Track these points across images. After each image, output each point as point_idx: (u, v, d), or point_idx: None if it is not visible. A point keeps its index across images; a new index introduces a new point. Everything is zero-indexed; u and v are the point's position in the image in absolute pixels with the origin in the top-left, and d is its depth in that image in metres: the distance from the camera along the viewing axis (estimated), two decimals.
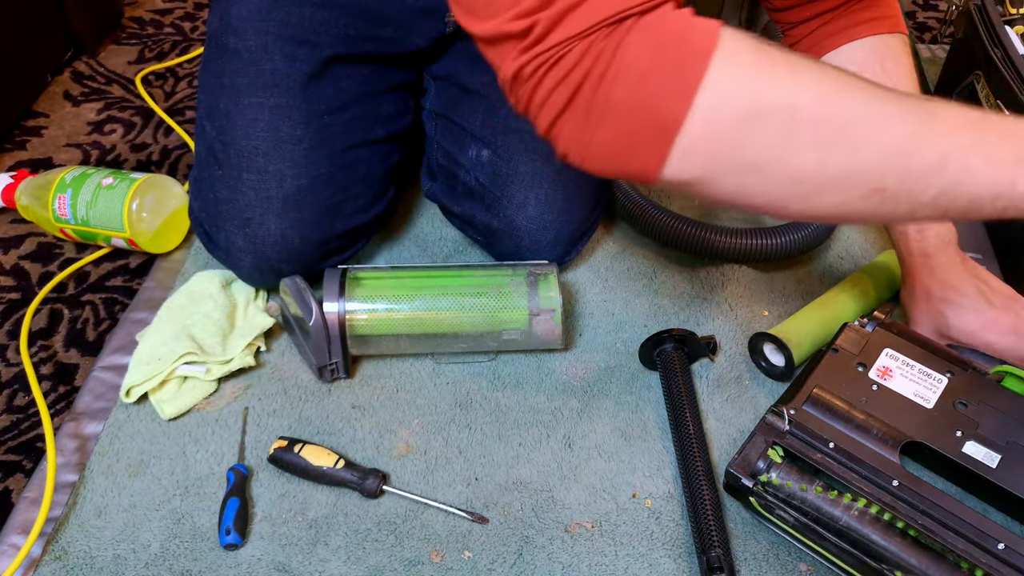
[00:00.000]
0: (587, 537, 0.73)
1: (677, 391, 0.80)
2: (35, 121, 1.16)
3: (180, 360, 0.80)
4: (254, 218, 0.83)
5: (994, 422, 0.70)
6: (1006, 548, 0.63)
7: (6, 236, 1.00)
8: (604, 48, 0.47)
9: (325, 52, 0.85)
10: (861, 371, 0.75)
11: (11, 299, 0.93)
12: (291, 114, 0.83)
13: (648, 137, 0.48)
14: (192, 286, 0.88)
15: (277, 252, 0.84)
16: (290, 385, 0.84)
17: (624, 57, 0.46)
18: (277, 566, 0.70)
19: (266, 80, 0.83)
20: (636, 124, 0.48)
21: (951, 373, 0.74)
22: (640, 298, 0.93)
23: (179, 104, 1.20)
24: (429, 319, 0.81)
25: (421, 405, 0.83)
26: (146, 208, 0.91)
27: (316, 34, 0.84)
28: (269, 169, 0.83)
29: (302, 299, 0.79)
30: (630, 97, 0.47)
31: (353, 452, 0.78)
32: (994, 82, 0.95)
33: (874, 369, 0.75)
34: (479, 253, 0.98)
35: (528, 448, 0.79)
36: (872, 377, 0.74)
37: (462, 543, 0.72)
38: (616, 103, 0.47)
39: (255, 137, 0.83)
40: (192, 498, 0.74)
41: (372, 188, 0.90)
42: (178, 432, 0.79)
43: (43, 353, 0.88)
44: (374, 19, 0.85)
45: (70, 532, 0.72)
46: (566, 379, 0.85)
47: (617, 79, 0.47)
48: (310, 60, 0.84)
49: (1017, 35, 0.97)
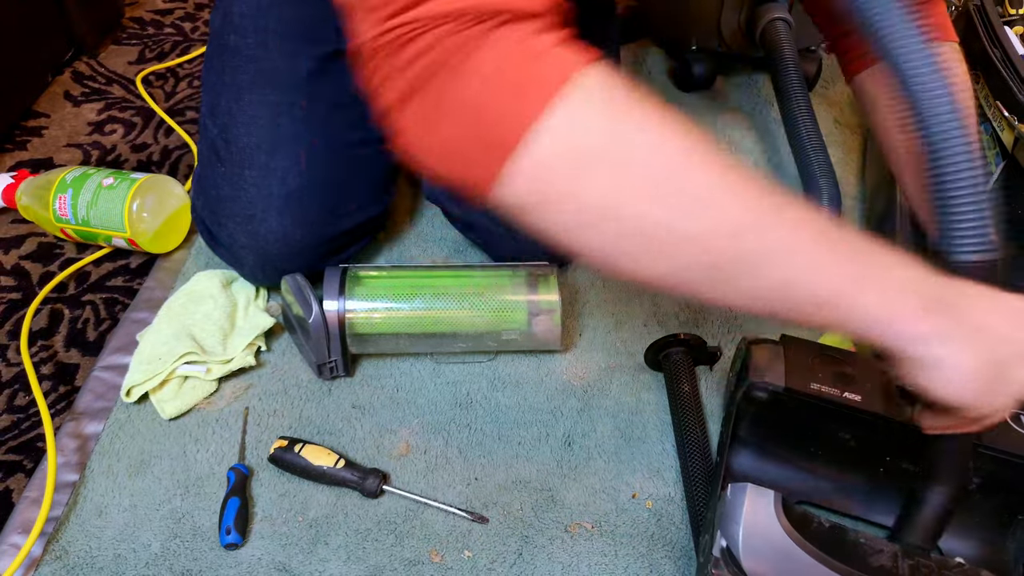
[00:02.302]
0: (587, 537, 0.73)
1: (683, 396, 0.80)
2: (36, 121, 1.16)
3: (180, 360, 0.80)
4: (256, 215, 0.83)
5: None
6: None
7: (6, 236, 1.00)
8: (468, 38, 0.42)
9: (326, 48, 0.84)
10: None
11: (11, 299, 0.93)
12: (293, 111, 0.83)
13: (483, 151, 0.44)
14: (192, 286, 0.88)
15: (279, 249, 0.84)
16: (290, 385, 0.84)
17: (477, 58, 0.43)
18: (277, 566, 0.70)
19: (267, 77, 0.83)
20: (478, 131, 0.44)
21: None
22: (640, 298, 0.93)
23: (179, 104, 1.20)
24: (429, 318, 0.81)
25: (421, 405, 0.83)
26: (147, 208, 0.91)
27: (317, 30, 0.84)
28: (271, 166, 0.83)
29: (302, 297, 0.79)
30: (479, 101, 0.43)
31: (353, 452, 0.78)
32: (993, 82, 0.95)
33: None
34: (479, 253, 0.98)
35: (528, 448, 0.79)
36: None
37: (462, 543, 0.72)
38: (466, 101, 0.43)
39: (257, 134, 0.83)
40: (192, 498, 0.74)
41: (374, 185, 0.90)
42: (178, 432, 0.79)
43: (43, 353, 0.88)
44: None
45: (70, 532, 0.72)
46: (566, 379, 0.85)
47: (472, 76, 0.43)
48: (312, 57, 0.84)
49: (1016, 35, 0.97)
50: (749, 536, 0.60)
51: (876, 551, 0.63)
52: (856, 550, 0.64)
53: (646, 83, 1.27)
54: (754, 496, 0.62)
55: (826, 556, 0.60)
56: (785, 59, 1.07)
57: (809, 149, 1.02)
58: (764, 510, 0.62)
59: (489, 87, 0.43)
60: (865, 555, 0.63)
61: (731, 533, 0.61)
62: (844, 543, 0.64)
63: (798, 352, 0.71)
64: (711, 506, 0.68)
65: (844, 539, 0.64)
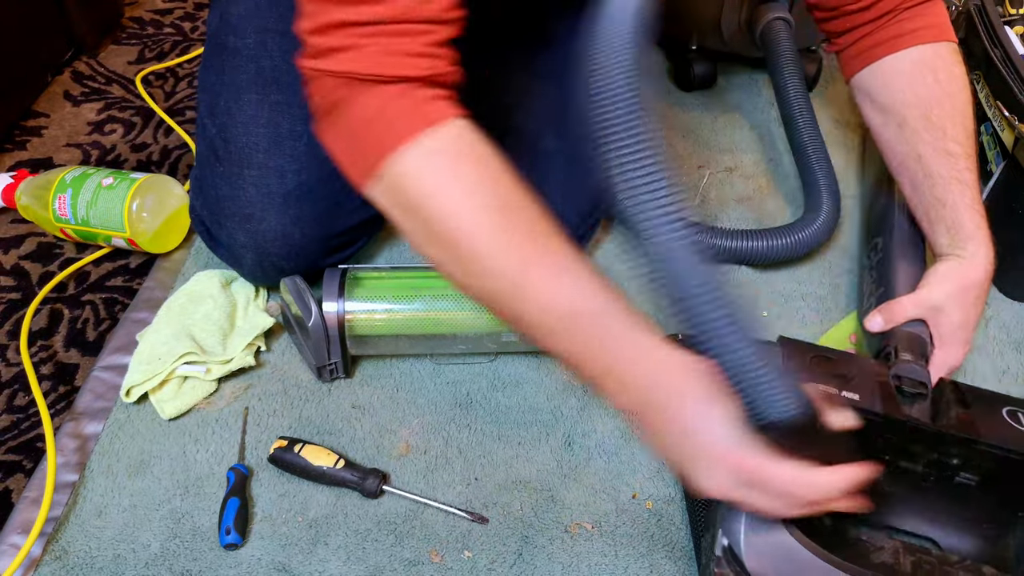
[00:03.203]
0: (587, 537, 0.73)
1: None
2: (35, 121, 1.16)
3: (180, 360, 0.80)
4: (255, 214, 0.83)
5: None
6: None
7: (6, 236, 1.00)
8: (347, 95, 0.57)
9: None
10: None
11: (11, 299, 0.93)
12: (291, 110, 0.83)
13: (361, 163, 0.58)
14: (192, 286, 0.88)
15: (279, 248, 0.84)
16: (290, 385, 0.84)
17: (352, 109, 0.57)
18: (277, 566, 0.70)
19: (266, 77, 0.83)
20: (359, 149, 0.58)
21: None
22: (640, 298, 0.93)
23: (179, 104, 1.20)
24: (428, 320, 0.81)
25: (421, 405, 0.83)
26: (146, 208, 0.91)
27: None
28: (270, 165, 0.83)
29: (301, 299, 0.79)
30: (361, 130, 0.58)
31: (353, 452, 0.78)
32: (994, 82, 0.95)
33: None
34: None
35: (528, 448, 0.79)
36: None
37: (462, 543, 0.72)
38: (353, 128, 0.58)
39: (255, 134, 0.83)
40: (192, 498, 0.74)
41: None
42: (178, 432, 0.79)
43: (43, 353, 0.88)
44: None
45: (70, 532, 0.72)
46: (566, 379, 0.85)
47: (359, 112, 0.57)
48: None
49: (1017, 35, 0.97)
50: (751, 535, 0.60)
51: (878, 548, 0.63)
52: (858, 547, 0.64)
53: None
54: None
55: (829, 554, 0.59)
56: (785, 59, 1.07)
57: (808, 149, 1.02)
58: None
59: (369, 122, 0.57)
60: (867, 552, 0.63)
61: (733, 532, 0.61)
62: (846, 540, 0.64)
63: (795, 352, 0.71)
64: (711, 505, 0.68)
65: (846, 536, 0.64)
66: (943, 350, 0.76)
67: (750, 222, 1.04)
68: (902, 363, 0.72)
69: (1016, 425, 0.68)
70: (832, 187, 0.98)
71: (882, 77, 0.83)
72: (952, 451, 0.67)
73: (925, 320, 0.76)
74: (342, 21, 0.56)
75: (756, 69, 1.27)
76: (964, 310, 0.76)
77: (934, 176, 0.79)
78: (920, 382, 0.70)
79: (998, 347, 0.91)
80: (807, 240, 0.93)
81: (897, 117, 0.82)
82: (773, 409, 0.52)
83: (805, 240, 0.93)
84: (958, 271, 0.76)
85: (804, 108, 1.04)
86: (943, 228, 0.79)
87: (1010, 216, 0.94)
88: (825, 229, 0.95)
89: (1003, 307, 0.96)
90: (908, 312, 0.76)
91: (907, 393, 0.69)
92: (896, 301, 0.78)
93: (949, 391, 0.69)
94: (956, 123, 0.78)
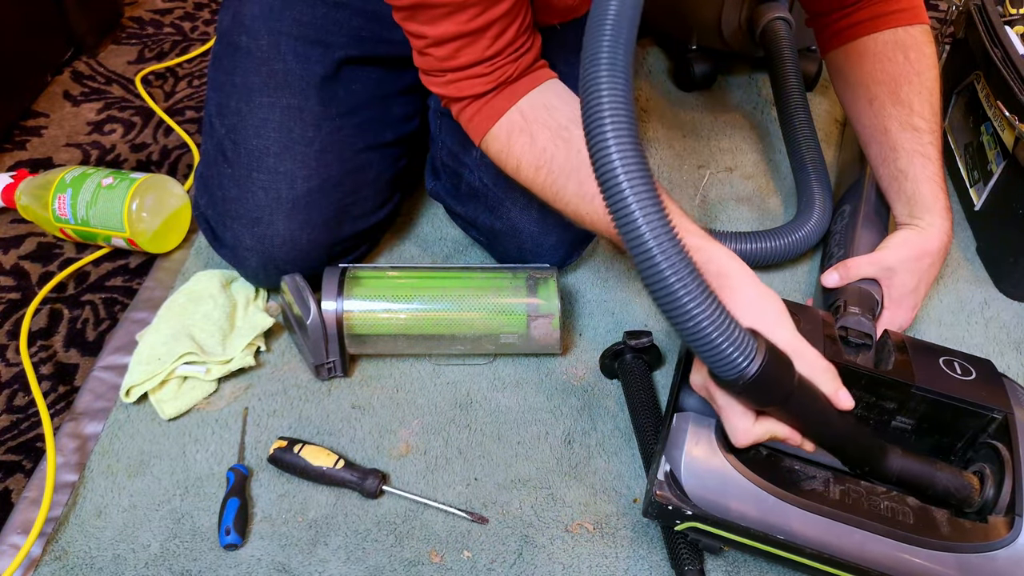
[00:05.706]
0: (588, 537, 0.73)
1: (638, 401, 0.80)
2: (35, 121, 1.16)
3: (180, 360, 0.80)
4: (263, 218, 0.83)
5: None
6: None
7: (6, 236, 1.00)
8: (463, 108, 0.75)
9: (338, 53, 0.85)
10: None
11: (11, 299, 0.93)
12: (303, 115, 0.83)
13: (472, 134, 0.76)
14: (192, 286, 0.88)
15: (285, 253, 0.84)
16: (290, 385, 0.84)
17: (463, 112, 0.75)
18: (277, 566, 0.70)
19: (279, 80, 0.84)
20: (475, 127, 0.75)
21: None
22: (640, 298, 0.93)
23: (179, 104, 1.20)
24: (427, 320, 0.81)
25: (421, 405, 0.83)
26: (146, 208, 0.91)
27: (329, 35, 0.84)
28: (280, 170, 0.83)
29: (300, 297, 0.79)
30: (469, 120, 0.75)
31: (353, 452, 0.78)
32: (994, 82, 0.95)
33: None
34: (480, 253, 0.98)
35: (528, 448, 0.79)
36: None
37: (462, 543, 0.72)
38: (469, 119, 0.75)
39: (267, 137, 0.83)
40: (192, 498, 0.74)
41: (380, 192, 0.91)
42: (178, 432, 0.79)
43: (43, 353, 0.88)
44: (386, 22, 0.85)
45: (70, 532, 0.72)
46: (566, 379, 0.85)
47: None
48: (323, 61, 0.84)
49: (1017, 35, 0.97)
50: (690, 460, 0.64)
51: (809, 477, 0.67)
52: (791, 476, 0.67)
53: (646, 83, 1.27)
54: (696, 424, 0.66)
55: (759, 478, 0.63)
56: (784, 59, 1.07)
57: (803, 149, 1.02)
58: (705, 437, 0.66)
59: (467, 122, 0.75)
60: (798, 480, 0.67)
61: (674, 458, 0.65)
62: (779, 468, 0.68)
63: None
64: (659, 438, 0.69)
65: (779, 465, 0.68)
66: (891, 311, 0.81)
67: (750, 222, 1.04)
68: (850, 315, 0.76)
69: (950, 372, 0.71)
70: (824, 187, 0.98)
71: (856, 56, 0.86)
72: (888, 394, 0.71)
73: (879, 280, 0.81)
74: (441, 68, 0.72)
75: (756, 69, 1.28)
76: (916, 275, 0.80)
77: (898, 149, 0.83)
78: (865, 333, 0.74)
79: (998, 347, 0.91)
80: (797, 244, 0.93)
81: (868, 93, 0.86)
82: (723, 372, 0.55)
83: (795, 243, 0.93)
84: (915, 239, 0.81)
85: (800, 109, 1.05)
86: (904, 198, 0.83)
87: (1010, 216, 0.94)
88: (817, 232, 0.95)
89: (1003, 307, 0.96)
90: (863, 270, 0.81)
91: (852, 343, 0.73)
92: (853, 260, 0.82)
93: (891, 343, 0.73)
94: (923, 100, 0.83)
